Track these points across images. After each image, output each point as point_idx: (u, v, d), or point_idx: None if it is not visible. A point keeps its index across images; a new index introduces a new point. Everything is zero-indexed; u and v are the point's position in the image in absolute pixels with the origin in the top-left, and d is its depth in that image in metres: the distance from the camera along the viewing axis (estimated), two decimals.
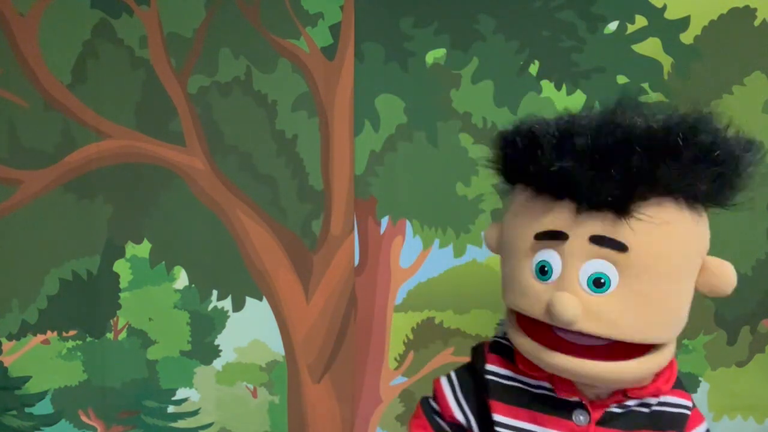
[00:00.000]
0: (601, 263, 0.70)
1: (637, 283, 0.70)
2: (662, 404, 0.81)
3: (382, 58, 1.56)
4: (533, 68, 1.54)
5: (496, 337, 0.92)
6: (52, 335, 1.60)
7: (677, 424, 0.81)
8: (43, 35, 1.55)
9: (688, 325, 1.60)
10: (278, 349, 1.62)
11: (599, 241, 0.70)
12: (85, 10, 1.55)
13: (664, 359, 0.76)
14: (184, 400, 1.63)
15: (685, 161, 0.69)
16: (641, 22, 1.52)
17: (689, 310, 0.83)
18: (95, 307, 1.60)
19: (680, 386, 0.86)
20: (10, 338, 1.59)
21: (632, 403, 0.80)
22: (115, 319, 1.60)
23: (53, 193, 1.57)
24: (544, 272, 0.74)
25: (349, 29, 1.56)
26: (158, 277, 1.60)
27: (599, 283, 0.70)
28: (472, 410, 0.88)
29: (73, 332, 1.60)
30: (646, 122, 0.70)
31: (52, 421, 1.61)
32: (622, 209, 0.69)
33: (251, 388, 1.64)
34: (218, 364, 1.62)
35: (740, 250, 1.56)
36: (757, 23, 1.52)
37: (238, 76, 1.57)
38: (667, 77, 1.53)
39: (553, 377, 0.81)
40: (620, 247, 0.69)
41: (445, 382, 0.94)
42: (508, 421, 0.82)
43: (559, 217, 0.72)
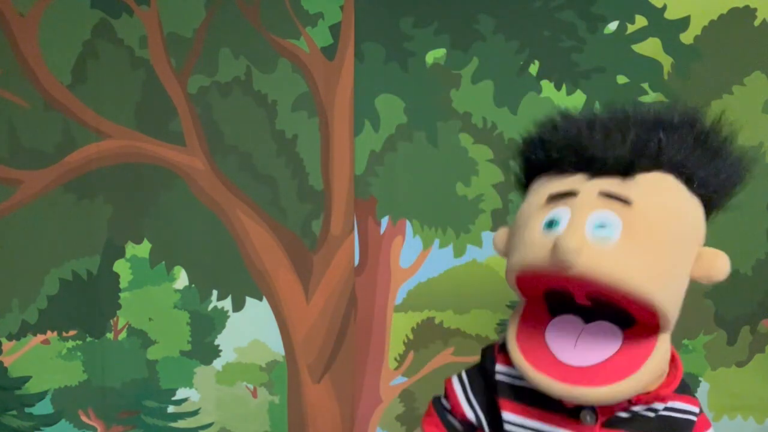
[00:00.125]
0: (606, 213, 0.74)
1: (639, 235, 0.73)
2: (669, 409, 0.82)
3: (382, 58, 1.56)
4: (533, 68, 1.54)
5: (502, 338, 0.93)
6: (52, 335, 1.60)
7: (684, 429, 0.82)
8: (43, 35, 1.55)
9: (688, 325, 1.61)
10: (278, 349, 1.62)
11: (607, 195, 0.75)
12: (85, 10, 1.55)
13: (653, 374, 0.76)
14: (184, 400, 1.63)
15: (684, 141, 0.77)
16: (641, 22, 1.52)
17: (691, 311, 0.84)
18: (95, 307, 1.60)
19: (687, 391, 0.87)
20: (10, 338, 1.59)
21: (638, 408, 0.80)
22: (115, 319, 1.60)
23: (53, 193, 1.57)
24: (551, 225, 0.76)
25: (349, 29, 1.56)
26: (158, 277, 1.60)
27: (603, 228, 0.73)
28: (482, 409, 0.90)
29: (73, 332, 1.60)
30: (653, 109, 0.80)
31: (52, 421, 1.61)
32: (629, 173, 0.75)
33: (251, 388, 1.64)
34: (218, 364, 1.62)
35: (740, 250, 1.56)
36: (757, 23, 1.52)
37: (238, 76, 1.57)
38: (667, 77, 1.53)
39: None
40: (625, 200, 0.74)
41: (456, 381, 0.95)
42: (517, 419, 0.84)
43: (572, 180, 0.78)
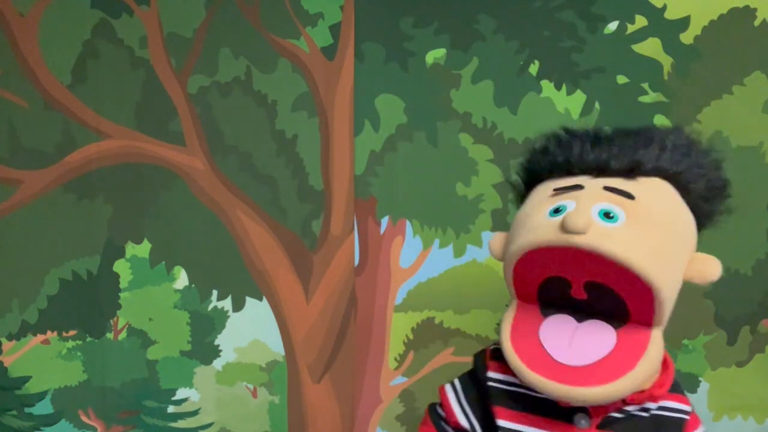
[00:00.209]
0: (611, 205, 0.77)
1: (642, 224, 0.76)
2: (662, 408, 0.83)
3: (382, 58, 1.56)
4: (533, 68, 1.54)
5: (495, 344, 0.93)
6: (52, 335, 1.60)
7: (676, 428, 0.83)
8: (43, 35, 1.55)
9: (688, 325, 1.62)
10: (278, 349, 1.62)
11: (612, 189, 0.79)
12: (85, 10, 1.55)
13: (647, 372, 0.77)
14: (184, 400, 1.63)
15: (682, 155, 0.83)
16: (641, 22, 1.52)
17: (691, 311, 0.86)
18: (95, 307, 1.60)
19: (679, 390, 0.88)
20: (10, 338, 1.59)
21: (632, 408, 0.81)
22: (115, 319, 1.60)
23: (53, 193, 1.57)
24: (557, 212, 0.78)
25: (349, 29, 1.56)
26: (158, 277, 1.60)
27: (609, 215, 0.76)
28: (476, 416, 0.90)
29: (73, 332, 1.60)
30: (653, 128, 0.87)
31: (52, 421, 1.61)
32: (631, 175, 0.81)
33: (251, 388, 1.64)
34: (218, 364, 1.62)
35: (740, 250, 1.57)
36: (757, 23, 1.52)
37: (238, 76, 1.57)
38: (667, 77, 1.53)
39: None
40: (628, 195, 0.78)
41: (449, 389, 0.96)
42: (512, 426, 0.84)
43: (576, 179, 0.83)
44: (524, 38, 1.54)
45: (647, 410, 0.82)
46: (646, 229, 0.75)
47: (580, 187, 0.80)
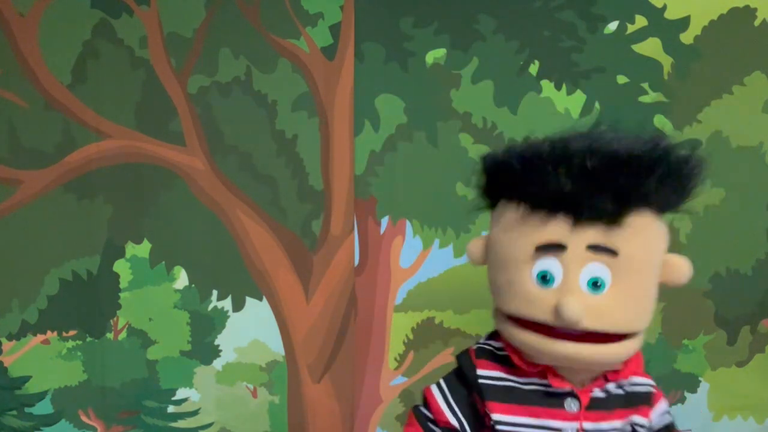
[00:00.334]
0: (597, 266, 0.81)
1: (626, 281, 0.82)
2: (633, 384, 0.92)
3: (382, 58, 1.56)
4: (533, 68, 1.54)
5: (478, 343, 0.99)
6: (52, 335, 1.60)
7: (646, 400, 0.92)
8: (43, 35, 1.55)
9: (688, 325, 1.62)
10: (278, 349, 1.62)
11: (595, 248, 0.81)
12: (85, 10, 1.55)
13: (639, 343, 0.87)
14: (184, 400, 1.63)
15: (660, 178, 0.82)
16: (641, 22, 1.53)
17: (691, 311, 0.89)
18: (95, 307, 1.60)
19: (646, 373, 0.98)
20: (10, 338, 1.59)
21: (611, 387, 0.90)
22: (115, 319, 1.60)
23: (53, 193, 1.57)
24: (545, 280, 0.83)
25: (349, 29, 1.56)
26: (158, 277, 1.60)
27: (597, 284, 0.81)
28: (464, 415, 0.95)
29: (73, 332, 1.60)
30: (625, 146, 0.81)
31: (52, 421, 1.61)
32: (613, 221, 0.81)
33: (251, 388, 1.64)
34: (218, 364, 1.62)
35: (740, 250, 1.57)
36: (757, 23, 1.52)
37: (238, 76, 1.57)
38: (667, 77, 1.53)
39: (546, 371, 0.89)
40: (612, 252, 0.81)
41: (436, 390, 0.99)
42: (508, 418, 0.89)
43: (557, 229, 0.82)
44: (524, 38, 1.54)
45: (622, 388, 0.91)
46: (630, 286, 0.82)
47: (563, 247, 0.82)
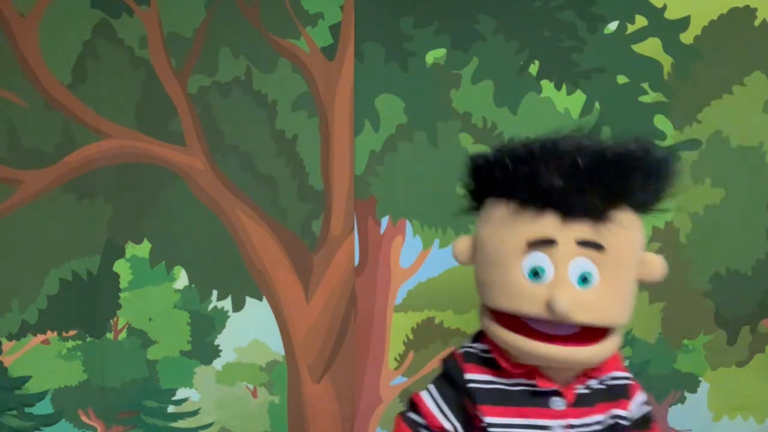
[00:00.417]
0: (585, 261, 0.85)
1: (612, 276, 0.87)
2: (613, 378, 0.96)
3: (382, 58, 1.56)
4: (533, 68, 1.54)
5: (463, 346, 1.02)
6: (52, 335, 1.60)
7: (624, 393, 0.97)
8: (43, 35, 1.55)
9: (688, 325, 1.62)
10: (278, 349, 1.62)
11: (584, 244, 0.85)
12: (85, 10, 1.55)
13: (618, 342, 0.91)
14: (184, 400, 1.63)
15: (644, 177, 0.87)
16: (641, 22, 1.53)
17: (691, 311, 0.92)
18: (95, 307, 1.60)
19: (624, 368, 1.02)
20: (10, 338, 1.59)
21: (593, 383, 0.94)
22: (115, 319, 1.60)
23: (53, 193, 1.57)
24: (536, 275, 0.86)
25: (349, 29, 1.56)
26: (158, 277, 1.60)
27: (585, 279, 0.85)
28: (456, 418, 0.97)
29: (73, 332, 1.60)
30: (612, 145, 0.86)
31: (52, 421, 1.61)
32: (600, 217, 0.85)
33: (251, 388, 1.64)
34: (218, 364, 1.62)
35: (740, 250, 1.57)
36: (757, 23, 1.52)
37: (238, 76, 1.57)
38: (667, 77, 1.53)
39: (533, 372, 0.92)
40: (600, 247, 0.85)
41: (426, 396, 1.01)
42: (499, 420, 0.93)
43: (548, 225, 0.86)
44: (524, 38, 1.54)
45: (603, 383, 0.95)
46: (615, 281, 0.87)
47: (553, 242, 0.86)
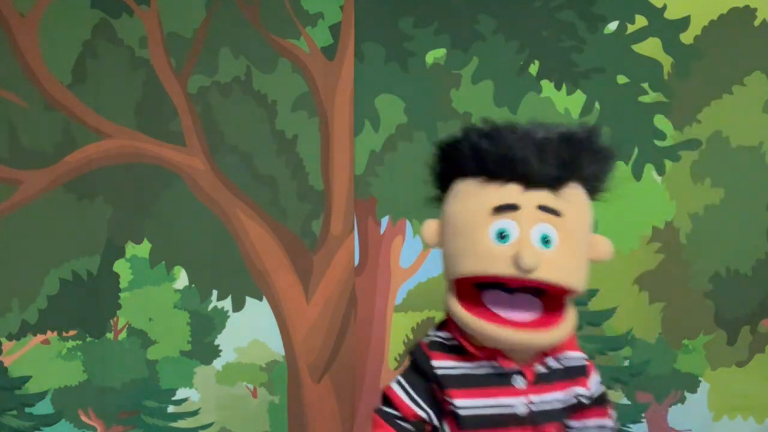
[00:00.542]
0: (545, 226, 0.93)
1: (569, 240, 0.94)
2: (569, 359, 1.03)
3: (382, 58, 1.56)
4: (533, 68, 1.55)
5: (427, 336, 1.06)
6: (52, 335, 1.60)
7: (581, 372, 1.03)
8: (43, 35, 1.55)
9: (688, 325, 1.62)
10: (278, 349, 1.62)
11: (544, 209, 0.93)
12: (85, 10, 1.55)
13: (572, 325, 0.97)
14: (184, 400, 1.63)
15: (592, 153, 0.96)
16: (641, 22, 1.53)
17: (691, 311, 0.96)
18: (95, 307, 1.60)
19: (579, 348, 1.08)
20: (10, 338, 1.59)
21: (551, 362, 1.00)
22: (115, 319, 1.60)
23: (53, 193, 1.57)
24: (502, 237, 0.93)
25: (349, 29, 1.56)
26: (158, 277, 1.60)
27: (547, 240, 0.92)
28: (428, 404, 1.02)
29: (73, 332, 1.60)
30: (567, 126, 0.96)
31: (52, 421, 1.61)
32: (556, 187, 0.94)
33: (251, 388, 1.64)
34: (218, 364, 1.62)
35: (740, 250, 1.57)
36: (757, 23, 1.52)
37: (238, 76, 1.57)
38: (667, 77, 1.53)
39: (494, 354, 0.97)
40: (557, 213, 0.93)
41: (397, 387, 1.05)
42: (467, 402, 0.98)
43: (512, 193, 0.94)
44: (524, 38, 1.54)
45: (560, 362, 1.01)
46: (572, 246, 0.94)
47: (516, 207, 0.93)
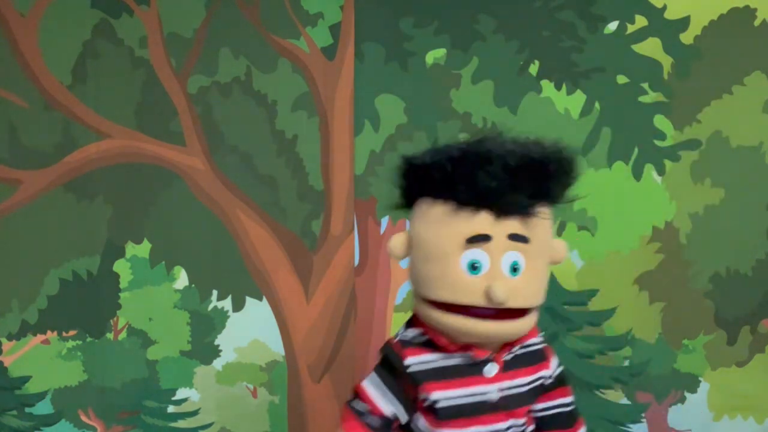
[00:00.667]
0: (515, 254, 0.98)
1: (534, 264, 0.99)
2: (530, 345, 1.09)
3: (382, 58, 1.56)
4: (533, 68, 1.55)
5: (397, 335, 1.10)
6: (52, 335, 1.60)
7: (542, 356, 1.10)
8: (43, 35, 1.55)
9: (688, 325, 1.62)
10: (278, 349, 1.62)
11: (514, 237, 0.97)
12: (85, 10, 1.55)
13: (536, 317, 1.04)
14: (184, 400, 1.63)
15: (560, 176, 1.00)
16: (641, 22, 1.53)
17: (691, 311, 1.18)
18: (95, 307, 1.60)
19: (538, 333, 1.15)
20: (10, 338, 1.59)
21: (516, 350, 1.05)
22: (115, 319, 1.61)
23: (53, 193, 1.57)
24: (474, 268, 0.97)
25: (349, 29, 1.56)
26: (158, 277, 1.60)
27: (515, 268, 0.98)
28: (399, 401, 1.06)
29: (73, 332, 1.60)
30: (534, 149, 0.98)
31: (52, 421, 1.61)
32: (527, 214, 0.98)
33: (251, 388, 1.64)
34: (218, 364, 1.62)
35: (740, 250, 1.57)
36: (757, 23, 1.52)
37: (238, 76, 1.57)
38: (667, 77, 1.53)
39: (467, 346, 1.02)
40: (526, 240, 0.98)
41: (369, 385, 1.08)
42: (443, 394, 1.02)
43: (484, 223, 0.97)
44: (524, 38, 1.54)
45: (525, 348, 1.07)
46: (537, 267, 1.00)
47: (489, 238, 0.97)
